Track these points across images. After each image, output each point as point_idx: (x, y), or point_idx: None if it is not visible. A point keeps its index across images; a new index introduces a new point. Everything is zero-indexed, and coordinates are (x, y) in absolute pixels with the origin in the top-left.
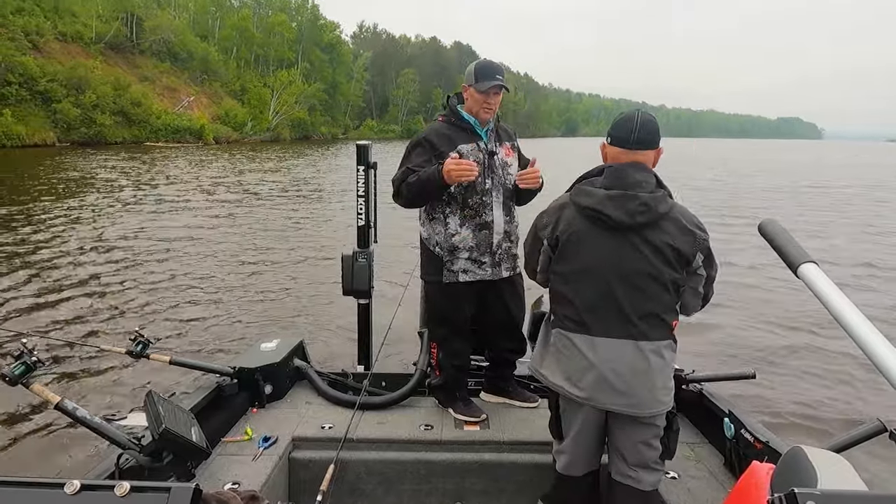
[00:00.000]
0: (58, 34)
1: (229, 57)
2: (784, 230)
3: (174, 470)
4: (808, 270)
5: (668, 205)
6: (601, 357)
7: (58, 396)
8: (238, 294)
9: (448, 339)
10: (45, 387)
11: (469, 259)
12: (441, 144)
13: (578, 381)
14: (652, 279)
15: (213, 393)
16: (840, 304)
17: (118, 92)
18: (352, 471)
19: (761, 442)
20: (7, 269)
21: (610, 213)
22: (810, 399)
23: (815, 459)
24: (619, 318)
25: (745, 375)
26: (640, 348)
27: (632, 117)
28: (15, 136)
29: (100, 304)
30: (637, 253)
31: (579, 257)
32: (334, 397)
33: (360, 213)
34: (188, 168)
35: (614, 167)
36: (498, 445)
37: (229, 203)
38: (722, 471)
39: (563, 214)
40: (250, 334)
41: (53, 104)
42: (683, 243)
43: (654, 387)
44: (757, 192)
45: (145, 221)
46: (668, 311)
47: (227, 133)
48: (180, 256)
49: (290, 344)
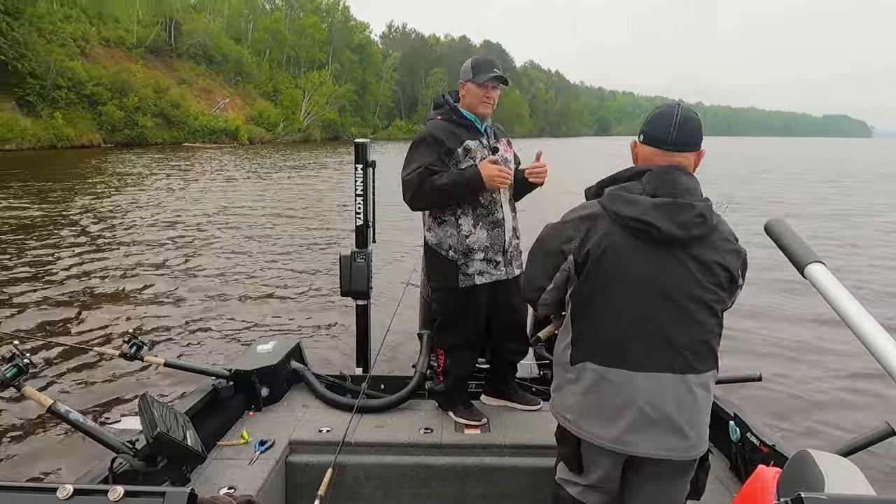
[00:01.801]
0: (102, 39)
1: (262, 59)
2: (791, 230)
3: (169, 474)
4: (815, 271)
5: (717, 216)
6: (641, 395)
7: (50, 399)
8: (235, 294)
9: (458, 347)
10: (37, 390)
11: (484, 260)
12: (448, 140)
13: (612, 424)
14: (700, 302)
15: (208, 396)
16: (848, 305)
17: (158, 94)
18: (350, 475)
19: (767, 446)
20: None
21: (660, 224)
22: (817, 402)
23: (822, 463)
24: (664, 348)
25: (750, 378)
26: (686, 382)
27: (670, 113)
28: (65, 138)
29: (94, 305)
30: (685, 272)
31: (616, 277)
32: (332, 400)
33: (359, 212)
34: (218, 167)
35: (658, 170)
36: (499, 449)
37: (234, 202)
38: (727, 475)
39: (595, 225)
40: (247, 336)
41: (99, 107)
42: (731, 261)
43: (701, 425)
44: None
45: (146, 221)
46: (715, 337)
47: (260, 134)
48: (178, 256)
49: (287, 346)
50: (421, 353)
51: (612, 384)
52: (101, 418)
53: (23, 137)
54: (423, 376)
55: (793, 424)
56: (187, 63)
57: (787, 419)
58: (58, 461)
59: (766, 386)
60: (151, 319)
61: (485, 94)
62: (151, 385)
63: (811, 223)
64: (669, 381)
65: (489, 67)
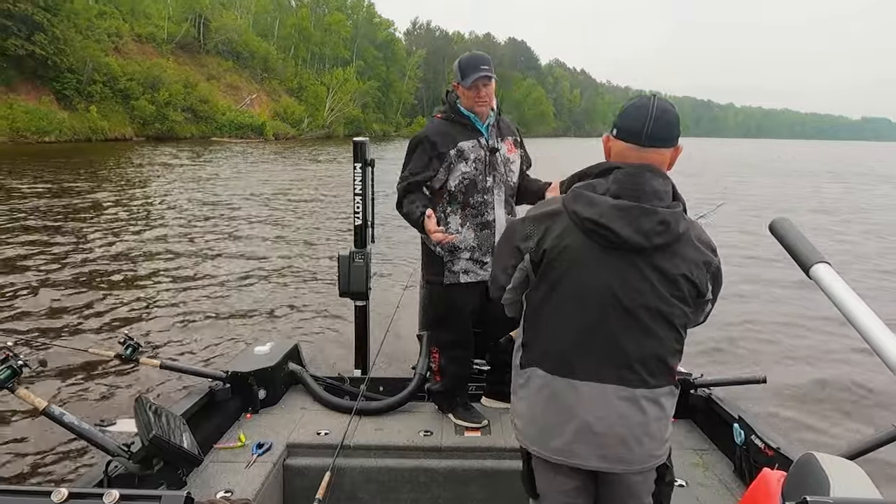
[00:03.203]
0: (134, 35)
1: (288, 55)
2: (796, 229)
3: (165, 478)
4: (820, 271)
5: (686, 223)
6: (586, 407)
7: (44, 402)
8: (232, 295)
9: (449, 343)
10: (31, 392)
11: (470, 259)
12: (441, 144)
13: (554, 437)
14: (658, 315)
15: (205, 398)
16: (854, 306)
17: (188, 90)
18: (349, 478)
19: (772, 448)
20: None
21: (618, 230)
22: (823, 404)
23: (827, 466)
24: (613, 360)
25: (755, 380)
26: (635, 397)
27: (645, 104)
28: (99, 131)
29: (89, 306)
30: (644, 282)
31: (570, 280)
32: (330, 402)
33: (358, 211)
34: (241, 164)
35: (626, 170)
36: (500, 452)
37: (240, 201)
38: (731, 478)
39: (554, 224)
40: (244, 337)
41: (132, 101)
42: (698, 273)
43: (648, 440)
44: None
45: (144, 221)
46: (672, 353)
47: (284, 130)
48: (175, 256)
49: (284, 347)
50: (420, 355)
51: (558, 393)
52: (96, 421)
53: (60, 130)
54: (422, 378)
55: (798, 427)
56: (215, 59)
57: (791, 421)
58: (52, 464)
59: (771, 388)
60: (147, 321)
61: (476, 94)
62: (147, 387)
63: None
64: (615, 394)
65: (475, 66)
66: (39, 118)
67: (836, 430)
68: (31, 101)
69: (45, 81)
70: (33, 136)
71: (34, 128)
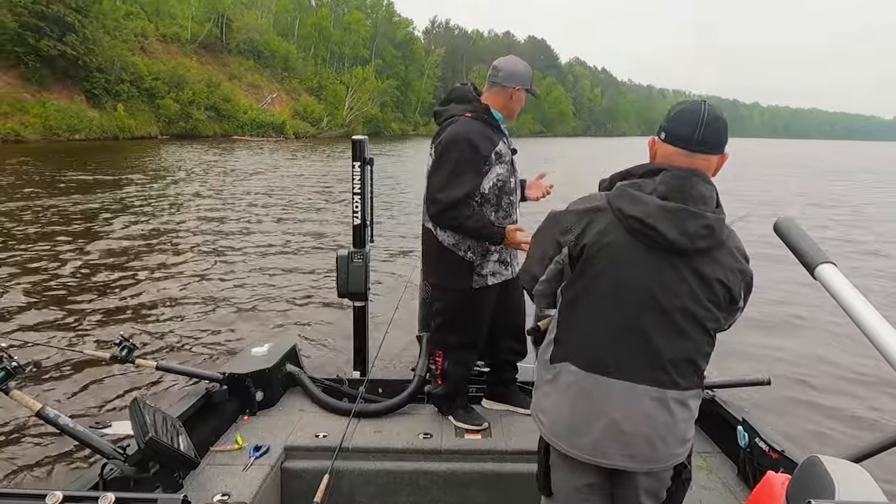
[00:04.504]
0: (159, 35)
1: (308, 55)
2: (801, 229)
3: (161, 481)
4: (825, 272)
5: (727, 231)
6: (616, 405)
7: (39, 404)
8: (230, 296)
9: (460, 347)
10: (25, 394)
11: (498, 261)
12: (483, 147)
13: (582, 434)
14: (693, 318)
15: (201, 400)
16: (859, 308)
17: (211, 89)
18: (347, 481)
19: (777, 451)
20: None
21: (664, 230)
22: (828, 406)
23: (833, 470)
24: (647, 360)
25: (759, 382)
26: (665, 398)
27: (696, 110)
28: (126, 129)
29: (85, 306)
30: (682, 283)
31: (608, 278)
32: (329, 404)
33: (356, 211)
34: (259, 161)
35: (674, 172)
36: (500, 455)
37: (245, 201)
38: (735, 481)
39: (596, 220)
40: (241, 338)
41: (157, 100)
42: (734, 280)
43: (672, 440)
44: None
45: (147, 221)
46: (703, 356)
47: (304, 128)
48: (173, 256)
49: (282, 348)
50: (420, 356)
51: (589, 390)
52: (91, 423)
53: (90, 128)
54: (422, 380)
55: (802, 429)
56: (237, 58)
57: (796, 424)
58: (47, 467)
59: (776, 389)
60: (143, 322)
61: (519, 100)
62: (143, 389)
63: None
64: (647, 394)
65: (530, 76)
66: (71, 116)
67: (841, 433)
68: (63, 100)
69: (75, 81)
70: (65, 133)
71: (66, 126)
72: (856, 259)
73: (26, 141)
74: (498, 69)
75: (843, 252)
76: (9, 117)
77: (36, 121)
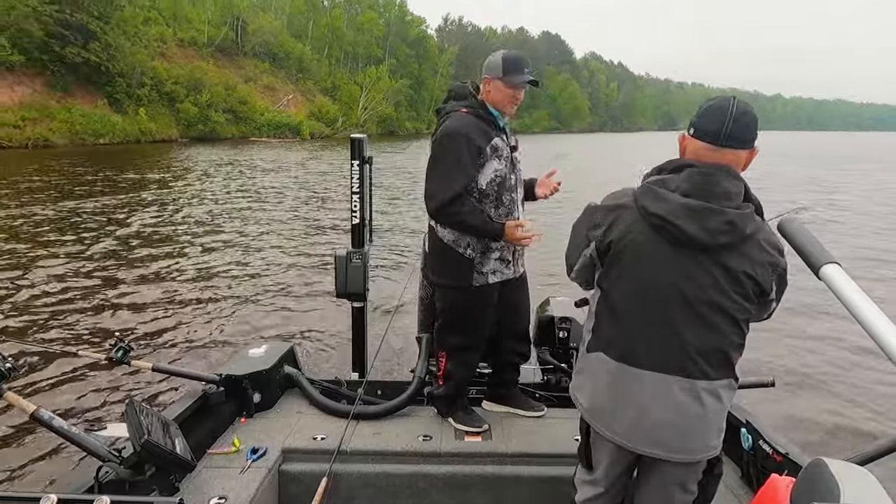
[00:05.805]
0: (177, 40)
1: (322, 56)
2: (805, 229)
3: (157, 483)
4: (830, 272)
5: (756, 224)
6: (646, 395)
7: (33, 405)
8: (227, 296)
9: (463, 348)
10: (19, 395)
11: (499, 259)
12: (479, 140)
13: (614, 419)
14: (721, 311)
15: (198, 402)
16: (864, 308)
17: (228, 91)
18: (345, 484)
19: (781, 454)
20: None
21: (685, 227)
22: (833, 408)
23: (837, 473)
24: (676, 351)
25: (763, 383)
26: (694, 388)
27: (725, 106)
28: (148, 133)
29: (80, 307)
30: (708, 277)
31: (635, 273)
32: (327, 406)
33: (355, 210)
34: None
35: (699, 169)
36: (501, 458)
37: (247, 202)
38: (739, 484)
39: (621, 216)
40: (238, 340)
41: (177, 104)
42: (763, 273)
43: (706, 431)
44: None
45: (139, 221)
46: (734, 347)
47: (319, 129)
48: (171, 256)
49: (280, 350)
50: (420, 358)
51: (620, 380)
52: (86, 425)
53: (114, 132)
54: (421, 381)
55: (807, 432)
56: (252, 61)
57: (801, 426)
58: (41, 470)
59: (780, 391)
60: (139, 322)
61: (514, 94)
62: (138, 391)
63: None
64: (677, 385)
65: (521, 69)
66: (95, 121)
67: (846, 435)
68: (87, 105)
69: (98, 87)
70: (90, 138)
71: (90, 130)
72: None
73: (54, 146)
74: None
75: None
76: (37, 123)
77: (62, 126)
